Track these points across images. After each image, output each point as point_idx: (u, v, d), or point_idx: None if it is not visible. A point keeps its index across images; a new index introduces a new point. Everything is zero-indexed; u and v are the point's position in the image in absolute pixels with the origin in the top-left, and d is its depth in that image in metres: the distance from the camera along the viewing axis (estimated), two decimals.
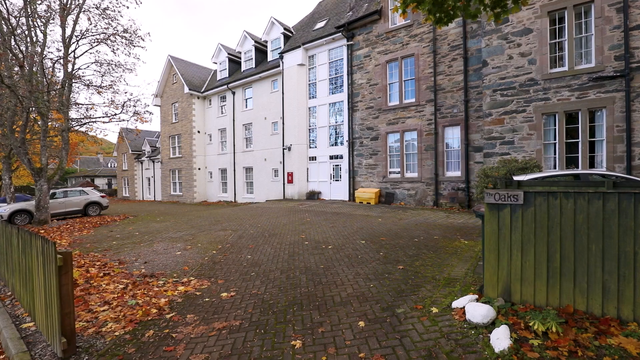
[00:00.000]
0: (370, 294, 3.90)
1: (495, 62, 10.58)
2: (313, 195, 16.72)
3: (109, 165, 54.64)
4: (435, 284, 4.09)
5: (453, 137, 12.60)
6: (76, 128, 14.40)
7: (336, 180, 16.33)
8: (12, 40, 11.18)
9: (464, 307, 3.14)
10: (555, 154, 9.83)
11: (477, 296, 3.28)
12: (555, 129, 9.80)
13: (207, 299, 4.13)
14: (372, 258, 5.51)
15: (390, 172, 14.42)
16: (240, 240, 7.70)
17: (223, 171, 23.17)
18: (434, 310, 3.29)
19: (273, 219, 10.69)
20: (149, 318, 3.66)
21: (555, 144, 9.80)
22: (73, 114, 14.37)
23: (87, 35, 12.96)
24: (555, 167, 9.88)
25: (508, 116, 10.39)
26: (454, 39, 12.34)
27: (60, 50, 12.09)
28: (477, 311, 2.88)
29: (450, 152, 12.70)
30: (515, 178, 6.67)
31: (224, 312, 3.70)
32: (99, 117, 13.74)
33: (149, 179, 30.63)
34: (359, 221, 9.53)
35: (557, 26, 9.80)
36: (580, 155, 9.37)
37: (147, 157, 30.27)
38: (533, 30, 9.94)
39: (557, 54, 9.83)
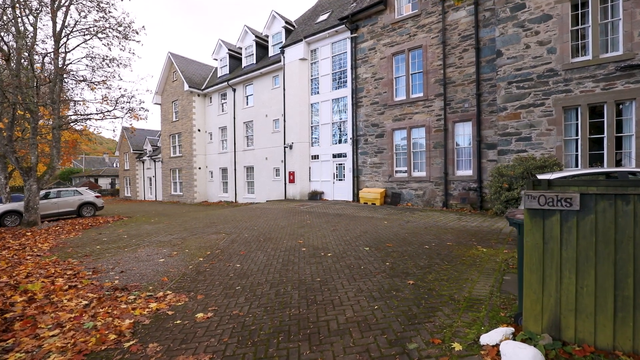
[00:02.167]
0: (374, 320, 3.16)
1: (510, 52, 9.76)
2: (315, 196, 15.99)
3: (114, 164, 54.49)
4: (454, 307, 3.34)
5: (464, 133, 11.76)
6: (70, 125, 13.88)
7: (339, 180, 15.58)
8: None
9: (497, 345, 2.40)
10: (577, 150, 9.00)
11: (512, 329, 2.53)
12: (577, 124, 8.96)
13: (178, 321, 3.44)
14: (376, 269, 4.78)
15: (396, 171, 13.63)
16: (232, 245, 7.02)
17: (224, 170, 22.55)
18: (457, 347, 2.53)
19: (271, 221, 10.00)
20: (103, 347, 2.98)
21: (577, 140, 8.97)
22: (69, 111, 13.88)
23: (80, 28, 12.41)
24: (577, 165, 9.05)
25: (525, 110, 9.57)
26: (465, 29, 11.52)
27: (46, 43, 11.49)
28: (518, 355, 2.13)
29: (461, 150, 11.88)
30: (540, 177, 5.89)
31: (194, 341, 3.01)
32: (92, 114, 13.18)
33: (150, 179, 30.15)
34: (362, 224, 8.80)
35: (579, 11, 8.95)
36: (605, 151, 8.53)
37: (148, 157, 29.79)
38: (553, 17, 9.11)
39: (580, 42, 8.98)
